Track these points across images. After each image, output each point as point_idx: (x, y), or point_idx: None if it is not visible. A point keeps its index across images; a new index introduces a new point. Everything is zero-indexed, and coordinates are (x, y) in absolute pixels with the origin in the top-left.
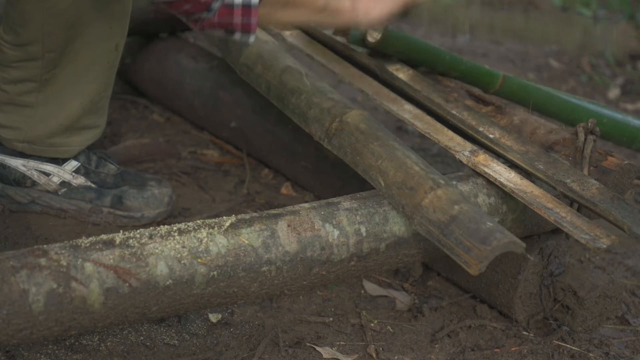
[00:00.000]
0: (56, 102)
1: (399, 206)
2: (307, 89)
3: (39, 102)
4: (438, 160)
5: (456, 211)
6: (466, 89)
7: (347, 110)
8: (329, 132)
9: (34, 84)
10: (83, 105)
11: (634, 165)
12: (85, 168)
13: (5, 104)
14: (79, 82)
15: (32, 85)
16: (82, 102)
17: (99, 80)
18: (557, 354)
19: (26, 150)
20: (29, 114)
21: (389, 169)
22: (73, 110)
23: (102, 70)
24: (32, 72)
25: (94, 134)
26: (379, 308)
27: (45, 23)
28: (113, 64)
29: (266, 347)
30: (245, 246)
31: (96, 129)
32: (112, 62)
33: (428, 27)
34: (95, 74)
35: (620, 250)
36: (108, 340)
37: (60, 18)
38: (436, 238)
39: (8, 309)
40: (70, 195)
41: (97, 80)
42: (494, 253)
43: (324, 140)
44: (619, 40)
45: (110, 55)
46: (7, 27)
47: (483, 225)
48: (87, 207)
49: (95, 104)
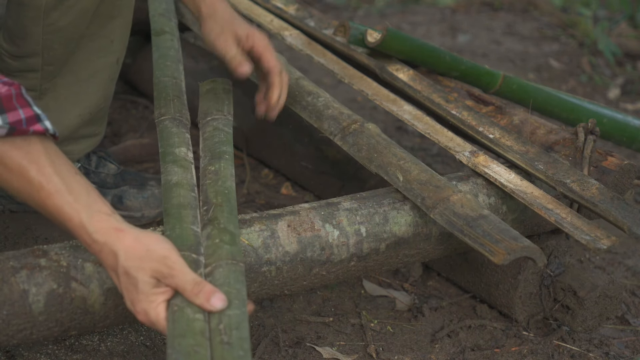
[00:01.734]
0: (55, 112)
1: (417, 198)
2: (327, 96)
3: None
4: (438, 160)
5: (486, 213)
6: (466, 89)
7: (368, 122)
8: (346, 129)
9: (33, 92)
10: (82, 117)
11: (634, 165)
12: (85, 169)
13: None
14: (78, 93)
15: (31, 94)
16: (81, 113)
17: (98, 93)
18: (557, 354)
19: None
20: None
21: (413, 169)
22: (71, 121)
23: (102, 83)
24: (31, 82)
25: (93, 142)
26: (379, 308)
27: (45, 38)
28: (113, 77)
29: (266, 347)
30: (245, 246)
31: (95, 137)
32: (112, 76)
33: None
34: (95, 87)
35: (620, 250)
36: (108, 340)
37: (60, 34)
38: (458, 228)
39: (8, 309)
40: None
41: (97, 93)
42: (523, 251)
43: (336, 136)
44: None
45: (111, 69)
46: (7, 37)
47: (512, 230)
48: None
49: (94, 115)
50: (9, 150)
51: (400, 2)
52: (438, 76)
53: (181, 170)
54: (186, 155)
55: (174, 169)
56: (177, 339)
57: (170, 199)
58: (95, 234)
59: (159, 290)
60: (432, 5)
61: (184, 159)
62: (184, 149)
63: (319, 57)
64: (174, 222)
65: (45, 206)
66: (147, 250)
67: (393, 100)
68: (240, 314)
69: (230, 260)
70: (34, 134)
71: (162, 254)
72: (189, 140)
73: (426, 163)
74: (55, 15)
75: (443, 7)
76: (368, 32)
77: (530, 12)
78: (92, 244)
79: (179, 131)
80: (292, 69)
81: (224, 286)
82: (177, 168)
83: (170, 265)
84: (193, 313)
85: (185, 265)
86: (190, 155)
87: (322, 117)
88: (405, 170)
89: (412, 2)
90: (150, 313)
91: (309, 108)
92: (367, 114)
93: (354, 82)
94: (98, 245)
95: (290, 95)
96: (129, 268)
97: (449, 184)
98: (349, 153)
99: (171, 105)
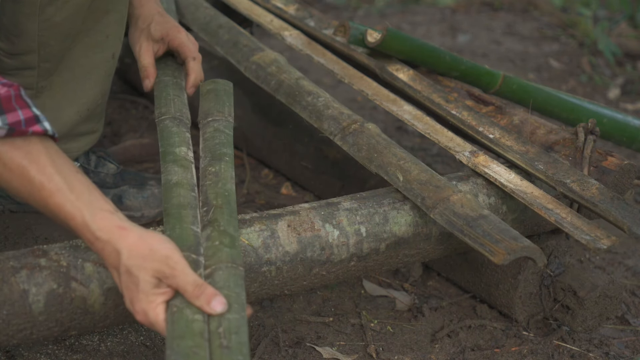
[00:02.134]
0: (52, 110)
1: (417, 198)
2: (327, 95)
3: None
4: (438, 160)
5: (486, 213)
6: (466, 89)
7: (368, 122)
8: (346, 129)
9: (31, 91)
10: (80, 113)
11: (634, 165)
12: (85, 168)
13: None
14: (75, 90)
15: (28, 93)
16: (79, 110)
17: (95, 88)
18: (557, 354)
19: None
20: None
21: (413, 169)
22: (69, 117)
23: (99, 79)
24: (28, 80)
25: (92, 139)
26: (379, 308)
27: (41, 34)
28: (109, 73)
29: (266, 347)
30: (245, 246)
31: (94, 134)
32: (108, 71)
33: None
34: (91, 82)
35: (620, 250)
36: (108, 340)
37: (56, 30)
38: (458, 227)
39: (8, 309)
40: None
41: (94, 89)
42: (523, 251)
43: (336, 136)
44: None
45: (107, 64)
46: (2, 35)
47: (512, 230)
48: None
49: (92, 111)
50: (9, 151)
51: (400, 2)
52: (438, 76)
53: (181, 169)
54: (186, 154)
55: (174, 168)
56: (176, 340)
57: (170, 198)
58: (99, 231)
59: (159, 290)
60: (432, 5)
61: (184, 158)
62: (184, 149)
63: (319, 57)
64: (174, 222)
65: (47, 205)
66: (150, 249)
67: (393, 100)
68: (240, 318)
69: (230, 263)
70: (33, 134)
71: (165, 253)
72: (189, 139)
73: (426, 163)
74: (50, 11)
75: (443, 7)
76: (368, 32)
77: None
78: (94, 241)
79: (179, 130)
80: (292, 69)
81: (223, 289)
82: (177, 168)
83: (172, 265)
84: (192, 314)
85: (188, 267)
86: (190, 155)
87: (322, 117)
88: (405, 170)
89: (412, 2)
90: (150, 313)
91: (309, 108)
92: (367, 114)
93: (354, 82)
94: (101, 243)
95: (290, 95)
96: (131, 267)
97: (449, 184)
98: (349, 153)
99: (172, 105)
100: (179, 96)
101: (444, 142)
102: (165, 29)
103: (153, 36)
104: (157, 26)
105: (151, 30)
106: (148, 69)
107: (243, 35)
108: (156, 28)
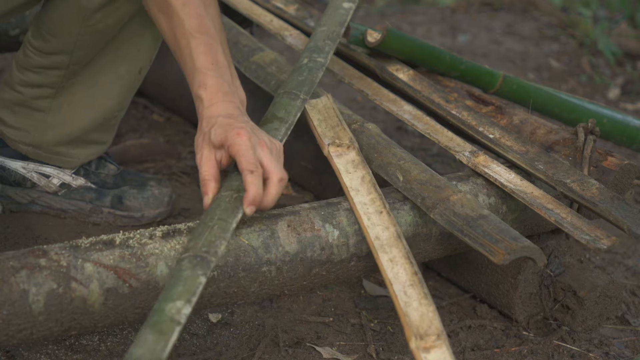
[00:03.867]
0: (69, 111)
1: (417, 198)
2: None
3: (52, 108)
4: (438, 160)
5: (486, 213)
6: (466, 89)
7: (368, 122)
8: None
9: (51, 90)
10: (95, 120)
11: (634, 165)
12: (85, 169)
13: (18, 105)
14: (95, 96)
15: (48, 91)
16: (95, 116)
17: (115, 99)
18: (557, 354)
19: (29, 154)
20: (40, 118)
21: (412, 169)
22: (84, 122)
23: (121, 91)
24: (51, 80)
25: (99, 150)
26: (379, 308)
27: (80, 38)
28: (133, 87)
29: (266, 347)
30: (245, 246)
31: (102, 145)
32: (132, 85)
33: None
34: (113, 92)
35: (620, 250)
36: (108, 340)
37: (97, 35)
38: (458, 228)
39: (8, 309)
40: (70, 195)
41: (114, 100)
42: (523, 251)
43: None
44: None
45: (132, 78)
46: (37, 33)
47: (512, 230)
48: (87, 207)
49: (107, 121)
50: None
51: (400, 2)
52: (438, 76)
53: (154, 337)
54: (177, 313)
55: (146, 336)
56: None
57: None
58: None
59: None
60: (432, 5)
61: (171, 319)
62: (180, 303)
63: None
64: None
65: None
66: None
67: (393, 100)
68: None
69: None
70: None
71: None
72: (201, 286)
73: (426, 163)
74: (97, 17)
75: (443, 7)
76: (368, 32)
77: (530, 12)
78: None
79: (191, 275)
80: None
81: None
82: (151, 335)
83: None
84: None
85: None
86: (184, 312)
87: None
88: (405, 170)
89: (412, 2)
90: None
91: None
92: (367, 114)
93: (354, 82)
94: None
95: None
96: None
97: (449, 184)
98: None
99: (204, 236)
100: (225, 220)
101: (444, 142)
102: (225, 132)
103: (213, 142)
104: (218, 129)
105: (211, 136)
106: (207, 183)
107: (243, 35)
108: (217, 132)
